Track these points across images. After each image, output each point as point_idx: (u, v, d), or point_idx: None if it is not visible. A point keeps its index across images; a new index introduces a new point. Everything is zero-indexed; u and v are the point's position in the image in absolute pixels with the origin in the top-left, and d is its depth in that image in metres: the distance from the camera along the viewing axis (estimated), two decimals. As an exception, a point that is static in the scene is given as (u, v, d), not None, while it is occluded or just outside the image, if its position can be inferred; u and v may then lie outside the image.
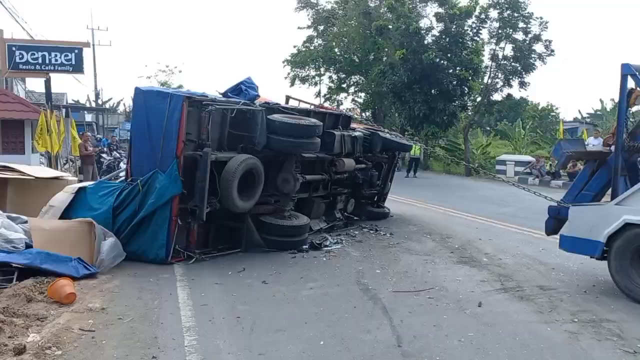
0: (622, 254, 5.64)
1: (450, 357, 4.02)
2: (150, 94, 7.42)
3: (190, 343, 4.37)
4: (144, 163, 7.28)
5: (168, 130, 6.96)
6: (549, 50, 22.45)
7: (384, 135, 10.67)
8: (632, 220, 5.50)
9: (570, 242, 6.19)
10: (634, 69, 6.05)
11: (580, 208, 6.22)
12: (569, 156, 6.85)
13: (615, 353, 4.10)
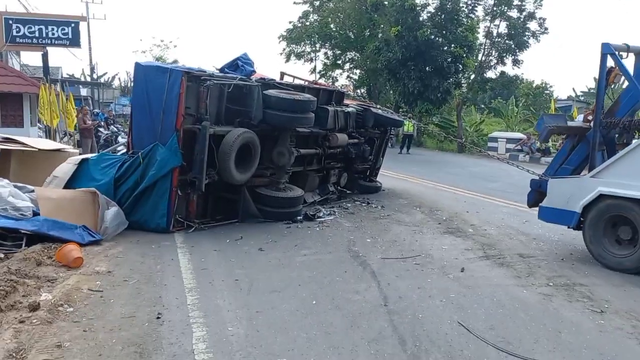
0: (596, 224, 5.97)
1: (432, 315, 4.38)
2: (150, 69, 7.61)
3: (193, 302, 4.71)
4: (144, 136, 7.53)
5: (168, 104, 7.19)
6: (542, 28, 22.62)
7: (376, 111, 10.92)
8: (606, 191, 5.83)
9: (548, 213, 6.52)
10: (614, 48, 6.31)
11: (558, 180, 6.53)
12: (551, 130, 7.10)
13: (583, 312, 4.48)
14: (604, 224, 5.94)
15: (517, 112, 28.73)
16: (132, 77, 40.58)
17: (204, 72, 7.64)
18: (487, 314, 4.39)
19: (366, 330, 4.08)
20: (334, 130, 9.52)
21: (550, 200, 6.49)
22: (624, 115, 6.44)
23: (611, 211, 5.90)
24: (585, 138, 6.72)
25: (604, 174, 5.98)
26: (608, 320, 4.29)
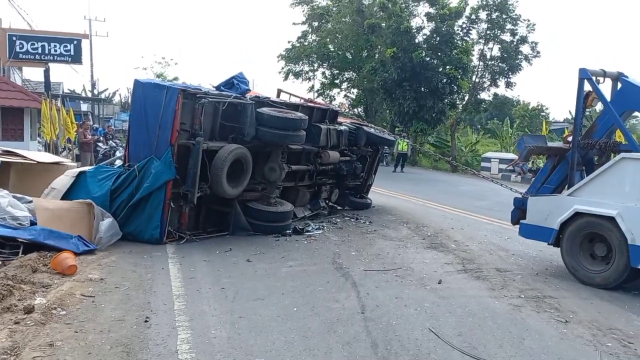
0: (573, 240, 6.18)
1: (405, 322, 4.63)
2: (148, 86, 7.92)
3: (179, 307, 4.96)
4: (140, 150, 7.81)
5: (164, 120, 7.49)
6: (535, 51, 23.11)
7: (368, 130, 11.16)
8: (582, 209, 6.06)
9: (528, 230, 6.74)
10: (590, 73, 6.59)
11: (537, 198, 6.76)
12: (531, 150, 7.34)
13: (549, 322, 4.72)
14: (580, 241, 6.14)
15: (511, 134, 29.14)
16: (131, 93, 40.55)
17: (199, 89, 7.90)
18: (457, 322, 4.64)
19: (341, 334, 4.33)
20: (325, 148, 9.79)
21: (530, 218, 6.70)
22: (600, 137, 6.68)
23: (587, 228, 6.10)
24: (565, 158, 6.94)
25: (580, 192, 6.20)
26: (571, 329, 4.53)
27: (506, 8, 22.84)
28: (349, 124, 11.14)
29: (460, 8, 23.65)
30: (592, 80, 6.64)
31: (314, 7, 32.24)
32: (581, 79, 6.64)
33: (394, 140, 12.95)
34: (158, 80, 8.29)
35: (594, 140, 6.67)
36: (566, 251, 6.27)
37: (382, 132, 12.06)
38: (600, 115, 6.95)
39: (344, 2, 29.93)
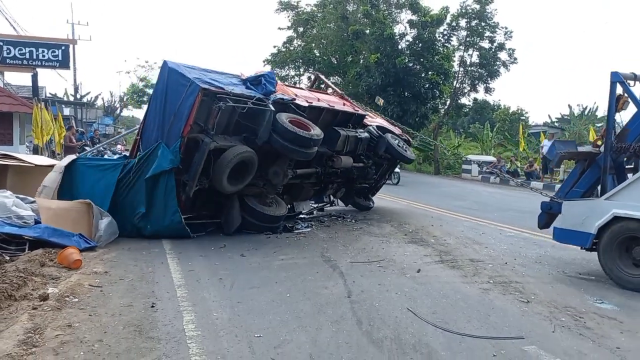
0: (610, 245, 6.09)
1: (387, 304, 5.17)
2: (174, 73, 7.87)
3: (182, 295, 5.44)
4: (152, 132, 8.04)
5: (180, 110, 7.65)
6: (512, 58, 23.96)
7: (391, 141, 10.76)
8: (620, 213, 5.97)
9: (563, 234, 6.66)
10: (622, 76, 6.55)
11: (572, 202, 6.67)
12: (562, 156, 7.29)
13: (512, 302, 5.30)
14: (618, 245, 6.06)
15: (491, 137, 29.98)
16: (115, 97, 40.36)
17: (222, 89, 7.82)
18: (432, 303, 5.20)
19: (330, 315, 4.85)
20: (341, 153, 9.76)
21: (565, 222, 6.62)
22: (633, 140, 6.60)
23: (625, 232, 6.00)
24: (595, 162, 6.91)
25: (618, 196, 6.12)
26: (531, 308, 5.12)
27: (485, 16, 23.68)
28: (375, 128, 10.91)
29: (441, 16, 24.41)
30: (624, 84, 6.57)
31: (299, 12, 32.91)
32: (613, 82, 6.59)
33: (412, 160, 12.28)
34: (186, 67, 8.12)
35: (628, 143, 6.61)
36: (603, 255, 6.19)
37: (406, 147, 11.53)
38: (633, 119, 6.77)
39: (328, 9, 30.60)
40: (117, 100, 52.49)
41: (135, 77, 52.03)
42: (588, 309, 5.14)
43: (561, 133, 34.10)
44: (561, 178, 19.71)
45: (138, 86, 50.48)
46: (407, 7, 26.13)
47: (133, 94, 51.49)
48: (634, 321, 4.85)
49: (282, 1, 32.71)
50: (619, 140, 6.69)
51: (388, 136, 10.87)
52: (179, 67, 8.01)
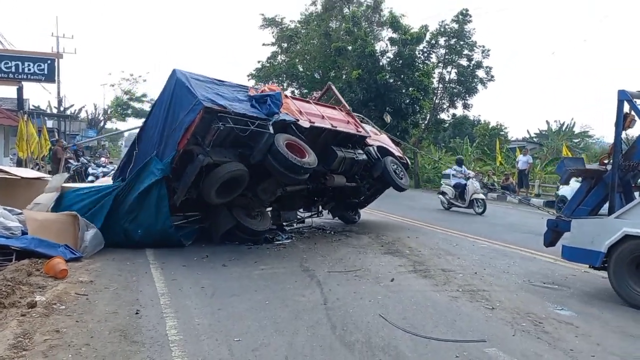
0: (621, 263, 6.02)
1: (360, 310, 5.47)
2: (181, 86, 7.92)
3: (165, 302, 5.68)
4: (154, 134, 8.19)
5: (180, 124, 7.78)
6: (489, 75, 24.65)
7: (388, 167, 10.88)
8: (631, 232, 5.88)
9: (572, 252, 6.58)
10: (629, 95, 6.58)
11: (582, 221, 6.57)
12: (571, 173, 7.29)
13: (478, 308, 5.65)
14: (629, 264, 5.98)
15: (470, 152, 30.59)
16: (99, 110, 40.20)
17: (224, 108, 7.85)
18: (403, 310, 5.51)
19: (307, 320, 5.14)
20: (336, 172, 9.83)
21: (574, 240, 6.53)
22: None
23: (636, 251, 5.92)
24: (603, 180, 6.88)
25: (629, 215, 6.04)
26: (495, 314, 5.46)
27: (463, 35, 24.39)
28: (375, 149, 10.96)
29: (421, 34, 25.08)
30: (632, 102, 6.57)
31: (283, 29, 33.39)
32: (620, 100, 6.59)
33: (405, 189, 11.83)
34: (194, 78, 8.12)
35: (635, 162, 6.60)
36: (614, 274, 6.12)
37: (402, 174, 11.54)
38: (639, 137, 6.79)
39: (312, 26, 31.14)
40: (101, 113, 52.34)
41: (119, 90, 52.04)
42: (548, 315, 5.49)
43: (539, 148, 34.97)
44: (536, 192, 20.30)
45: (122, 99, 50.43)
46: (388, 25, 26.77)
47: (117, 106, 51.41)
48: (588, 326, 5.22)
49: (267, 17, 33.22)
50: (626, 158, 6.65)
51: (387, 160, 10.97)
52: (187, 80, 8.00)
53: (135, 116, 56.83)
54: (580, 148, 36.66)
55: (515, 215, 15.37)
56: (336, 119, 10.31)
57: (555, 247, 9.18)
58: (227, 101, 8.06)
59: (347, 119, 10.78)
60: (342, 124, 10.32)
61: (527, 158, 20.07)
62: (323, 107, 10.68)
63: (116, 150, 58.99)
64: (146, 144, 8.33)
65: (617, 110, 6.60)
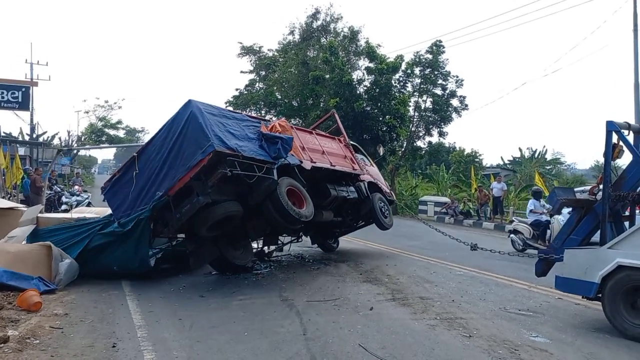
0: (615, 294, 5.95)
1: (340, 340, 5.48)
2: (195, 120, 7.62)
3: (142, 335, 5.62)
4: (154, 159, 7.94)
5: (185, 160, 7.57)
6: (463, 104, 25.25)
7: (375, 205, 11.08)
8: (625, 262, 5.82)
9: (565, 283, 6.50)
10: (617, 125, 6.64)
11: (574, 251, 6.52)
12: (563, 203, 7.32)
13: (456, 337, 5.71)
14: (623, 295, 5.92)
15: (446, 178, 31.05)
16: (73, 136, 39.45)
17: (234, 151, 7.66)
18: (382, 339, 5.54)
19: (286, 351, 5.13)
20: (326, 208, 9.79)
21: (567, 271, 6.46)
22: (630, 188, 6.60)
23: (630, 282, 5.87)
24: (593, 210, 6.84)
25: (622, 245, 5.99)
26: (472, 342, 5.53)
27: (437, 65, 25.00)
28: (365, 186, 11.11)
29: (397, 63, 25.63)
30: (620, 133, 6.63)
31: (261, 57, 33.70)
32: (609, 131, 6.62)
33: (388, 228, 11.94)
34: (207, 110, 7.89)
35: (625, 192, 6.59)
36: (608, 305, 6.06)
37: (388, 212, 11.79)
38: (629, 167, 6.77)
39: (290, 54, 31.50)
40: (75, 140, 51.68)
41: (94, 117, 51.59)
42: (523, 342, 5.58)
43: (512, 175, 35.65)
44: (511, 219, 20.63)
45: (97, 126, 49.94)
46: (364, 55, 27.28)
47: (91, 133, 50.85)
48: (562, 353, 5.32)
49: (245, 46, 33.54)
50: (615, 188, 6.65)
51: (375, 198, 11.14)
52: (202, 114, 7.72)
53: (110, 143, 56.28)
54: (552, 175, 37.53)
55: (490, 242, 15.57)
56: (335, 154, 10.35)
57: (529, 274, 9.38)
58: (237, 140, 7.89)
59: (345, 153, 10.84)
60: (340, 160, 10.38)
61: (502, 185, 20.46)
62: (323, 138, 10.61)
63: (89, 177, 58.18)
64: (146, 166, 8.02)
65: (605, 141, 6.64)
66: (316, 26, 31.06)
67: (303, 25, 31.43)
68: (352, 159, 11.02)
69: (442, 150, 30.66)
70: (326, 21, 30.74)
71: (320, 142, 10.13)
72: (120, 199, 8.27)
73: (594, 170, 46.09)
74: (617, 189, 6.63)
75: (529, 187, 27.00)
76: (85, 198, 20.23)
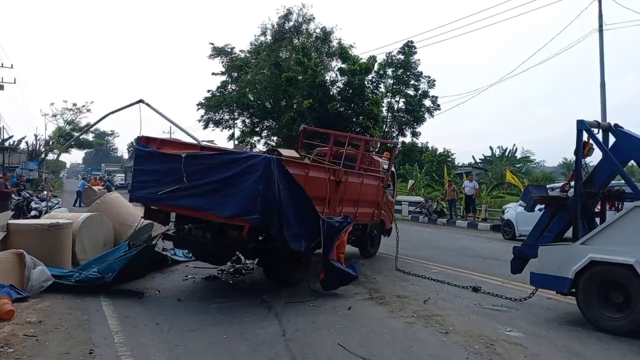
0: (588, 289, 6.12)
1: (319, 340, 5.53)
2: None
3: (120, 340, 5.55)
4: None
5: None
6: (435, 105, 25.60)
7: (367, 240, 11.20)
8: (597, 257, 6.00)
9: (540, 279, 6.65)
10: (588, 124, 6.79)
11: (548, 248, 6.65)
12: (536, 200, 7.35)
13: (433, 333, 5.82)
14: (596, 289, 6.06)
15: (420, 178, 31.38)
16: (40, 140, 38.44)
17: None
18: (361, 337, 5.61)
19: (266, 353, 5.15)
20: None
21: (542, 267, 6.60)
22: (600, 185, 6.75)
23: (603, 276, 6.00)
24: (565, 207, 6.97)
25: (594, 240, 6.13)
26: (449, 338, 5.65)
27: (409, 65, 25.29)
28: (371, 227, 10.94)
29: (369, 64, 25.84)
30: (590, 131, 6.76)
31: (233, 58, 33.51)
32: (579, 130, 6.76)
33: (370, 257, 11.64)
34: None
35: (597, 189, 6.72)
36: (582, 299, 6.23)
37: (377, 242, 11.75)
38: (598, 165, 6.92)
39: (262, 56, 31.43)
40: (43, 144, 50.57)
41: (62, 120, 50.61)
42: (499, 337, 5.72)
43: (484, 173, 36.26)
44: (483, 217, 21.02)
45: (65, 130, 48.95)
46: (337, 56, 27.43)
47: (60, 137, 49.81)
48: (536, 346, 5.47)
49: (216, 47, 33.29)
50: (587, 185, 6.78)
51: (372, 232, 11.14)
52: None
53: (79, 147, 55.24)
54: (522, 172, 38.30)
55: (463, 239, 15.84)
56: (366, 200, 9.94)
57: (503, 271, 9.59)
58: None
59: (376, 196, 10.39)
60: (367, 208, 10.06)
61: (474, 184, 20.82)
62: (368, 178, 10.10)
63: (58, 182, 56.95)
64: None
65: (576, 139, 6.78)
66: (288, 27, 31.08)
67: (275, 26, 31.45)
68: (379, 204, 10.70)
69: (415, 150, 30.95)
70: (298, 22, 30.81)
71: (361, 186, 9.56)
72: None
73: (562, 168, 47.25)
74: (588, 186, 6.76)
75: (500, 185, 27.54)
76: (55, 203, 19.77)
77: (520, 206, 15.64)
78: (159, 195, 7.53)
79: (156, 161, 7.66)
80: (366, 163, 11.26)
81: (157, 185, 7.55)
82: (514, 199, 21.23)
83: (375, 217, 10.78)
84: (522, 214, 15.14)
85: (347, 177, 8.96)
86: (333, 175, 8.45)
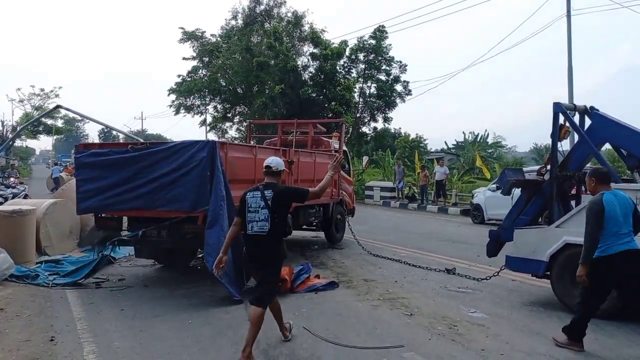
0: (563, 271, 6.11)
1: (285, 324, 5.54)
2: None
3: (82, 327, 5.48)
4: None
5: None
6: (406, 90, 25.71)
7: (332, 223, 11.14)
8: (571, 240, 5.95)
9: (515, 263, 6.65)
10: (564, 107, 6.77)
11: (523, 231, 6.65)
12: (512, 183, 7.32)
13: (398, 316, 5.89)
14: (571, 273, 5.87)
15: (392, 163, 31.58)
16: (7, 127, 37.73)
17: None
18: (326, 321, 5.65)
19: (231, 337, 5.14)
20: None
21: (517, 250, 6.60)
22: (576, 168, 6.76)
23: (577, 259, 5.93)
24: (541, 190, 6.98)
25: (569, 223, 6.09)
26: (414, 320, 5.73)
27: (381, 50, 25.28)
28: (334, 204, 11.02)
29: (341, 49, 25.75)
30: (567, 114, 6.75)
31: (203, 43, 32.98)
32: (555, 112, 6.76)
33: (336, 242, 11.58)
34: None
35: (572, 172, 6.74)
36: (556, 282, 6.25)
37: (341, 228, 11.74)
38: (574, 147, 6.97)
39: (233, 40, 31.02)
40: (9, 130, 49.10)
41: (29, 105, 49.19)
42: (462, 318, 5.83)
43: (456, 159, 36.64)
44: (453, 201, 21.30)
45: (33, 115, 47.62)
46: (309, 40, 27.24)
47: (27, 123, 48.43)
48: (498, 327, 5.59)
49: (187, 31, 32.69)
50: (562, 168, 6.78)
51: (335, 214, 11.21)
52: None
53: (47, 133, 53.81)
54: (494, 158, 38.80)
55: (432, 223, 16.05)
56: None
57: (469, 254, 9.76)
58: None
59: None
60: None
61: (444, 169, 21.03)
62: (321, 155, 10.19)
63: (27, 169, 55.53)
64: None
65: (552, 122, 6.79)
66: (259, 11, 30.72)
67: (246, 9, 31.06)
68: (336, 182, 10.70)
69: (388, 135, 31.07)
70: (269, 5, 30.47)
71: (314, 165, 9.62)
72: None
73: (532, 153, 48.02)
74: (564, 169, 6.78)
75: (471, 170, 27.90)
76: (21, 190, 19.28)
77: (489, 190, 15.93)
78: (106, 202, 7.26)
79: (98, 167, 7.30)
80: (317, 145, 11.28)
81: (102, 191, 7.24)
82: (484, 183, 21.53)
83: (334, 196, 10.77)
84: (491, 198, 15.46)
85: (299, 157, 9.00)
86: (284, 156, 8.33)
